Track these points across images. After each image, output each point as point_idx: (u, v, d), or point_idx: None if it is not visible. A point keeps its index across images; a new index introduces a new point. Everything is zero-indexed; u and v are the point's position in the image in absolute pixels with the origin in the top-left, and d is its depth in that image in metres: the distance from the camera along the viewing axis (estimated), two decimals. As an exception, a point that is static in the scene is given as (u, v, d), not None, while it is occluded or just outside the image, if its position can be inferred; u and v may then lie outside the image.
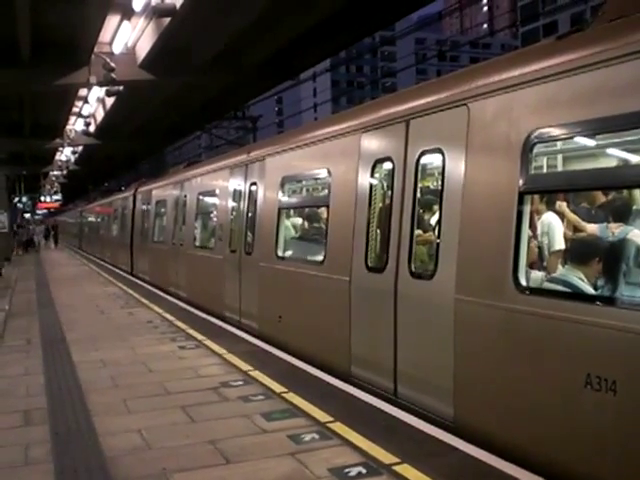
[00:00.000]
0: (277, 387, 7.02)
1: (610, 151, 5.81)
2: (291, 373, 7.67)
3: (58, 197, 64.32)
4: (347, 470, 4.76)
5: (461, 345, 5.72)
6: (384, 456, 5.00)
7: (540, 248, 6.30)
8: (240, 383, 7.28)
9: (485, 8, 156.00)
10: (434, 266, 6.17)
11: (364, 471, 4.75)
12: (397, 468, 4.77)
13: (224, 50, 16.22)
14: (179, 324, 11.36)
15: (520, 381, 5.11)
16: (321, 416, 6.00)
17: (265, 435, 5.62)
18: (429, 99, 6.55)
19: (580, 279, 5.30)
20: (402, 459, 4.92)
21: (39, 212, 77.87)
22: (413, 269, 6.49)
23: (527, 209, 5.30)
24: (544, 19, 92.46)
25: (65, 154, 34.13)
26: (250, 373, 7.68)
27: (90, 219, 40.68)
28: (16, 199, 49.10)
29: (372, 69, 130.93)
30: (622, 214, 5.82)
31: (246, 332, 10.34)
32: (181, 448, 5.39)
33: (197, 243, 14.86)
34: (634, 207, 5.86)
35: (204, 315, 12.30)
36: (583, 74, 4.77)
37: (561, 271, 5.69)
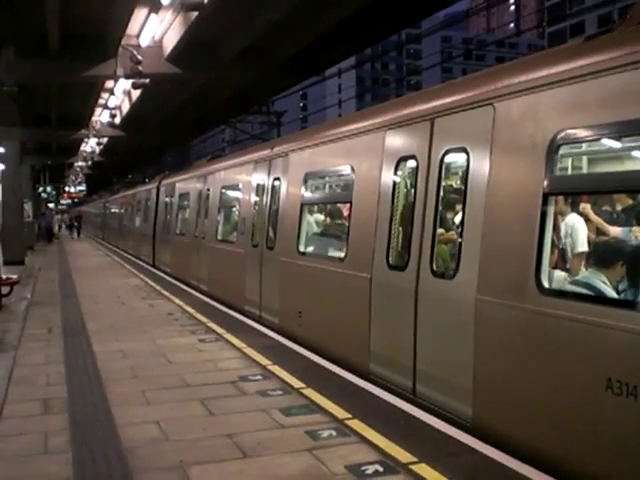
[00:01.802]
0: (296, 382, 7.03)
1: (637, 154, 5.74)
2: (310, 369, 7.67)
3: (82, 188, 64.85)
4: (364, 468, 4.75)
5: (481, 346, 5.68)
6: (401, 455, 4.98)
7: (563, 250, 6.24)
8: (259, 377, 7.30)
9: (512, 7, 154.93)
10: (456, 265, 6.14)
11: (381, 469, 4.74)
12: (414, 467, 4.75)
13: (251, 45, 16.16)
14: (199, 317, 11.39)
15: (540, 383, 5.07)
16: (339, 413, 5.99)
17: (283, 430, 5.63)
18: (455, 98, 6.52)
19: (603, 282, 5.25)
20: (420, 458, 4.90)
21: (63, 202, 78.56)
22: (435, 268, 6.46)
23: (551, 210, 5.25)
24: (571, 20, 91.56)
25: (90, 145, 34.32)
26: (269, 368, 7.69)
27: (113, 210, 40.93)
28: (40, 189, 49.51)
29: (397, 67, 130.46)
30: None
31: (266, 327, 10.35)
32: (199, 441, 5.41)
33: (219, 236, 14.88)
34: None
35: (224, 309, 12.33)
36: (611, 76, 4.72)
37: (584, 274, 5.64)
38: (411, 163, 7.12)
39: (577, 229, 6.19)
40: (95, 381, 7.34)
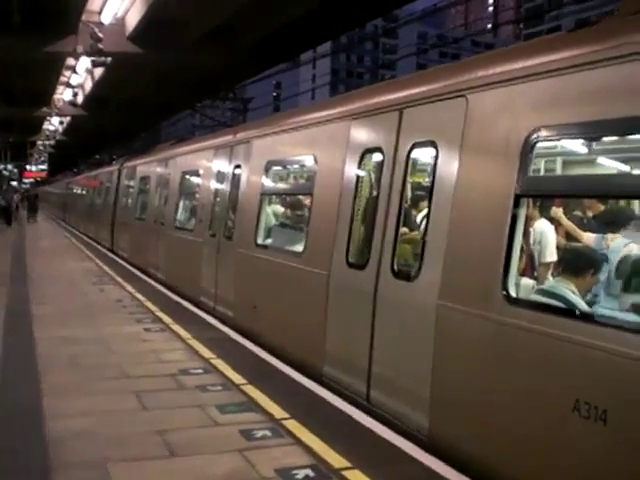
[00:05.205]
0: (237, 378, 6.80)
1: (618, 156, 5.52)
2: (255, 365, 7.46)
3: (44, 167, 63.85)
4: (295, 472, 4.55)
5: (440, 354, 5.31)
6: (335, 460, 4.78)
7: (534, 256, 5.93)
8: (200, 371, 7.06)
9: (490, 9, 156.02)
10: (418, 267, 5.75)
11: (312, 474, 4.53)
12: (347, 473, 4.56)
13: (218, 28, 15.83)
14: (149, 305, 11.12)
15: (502, 399, 4.71)
16: (277, 412, 5.78)
17: (216, 428, 5.41)
18: (425, 88, 6.16)
19: (573, 293, 4.92)
20: (354, 464, 4.70)
21: (26, 181, 77.28)
22: (396, 268, 6.08)
23: (523, 213, 4.91)
24: (548, 24, 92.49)
25: (53, 124, 33.70)
26: (212, 361, 7.45)
27: (76, 191, 40.16)
28: (1, 166, 48.49)
29: (373, 60, 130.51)
30: (621, 224, 5.54)
31: (220, 319, 10.04)
32: (127, 437, 5.19)
33: (178, 224, 14.50)
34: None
35: (176, 298, 12.06)
36: (594, 70, 4.36)
37: (554, 283, 5.29)
38: (376, 156, 6.73)
39: (549, 234, 5.91)
40: (31, 369, 7.06)
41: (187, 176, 14.45)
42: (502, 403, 4.71)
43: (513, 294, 4.75)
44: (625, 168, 5.65)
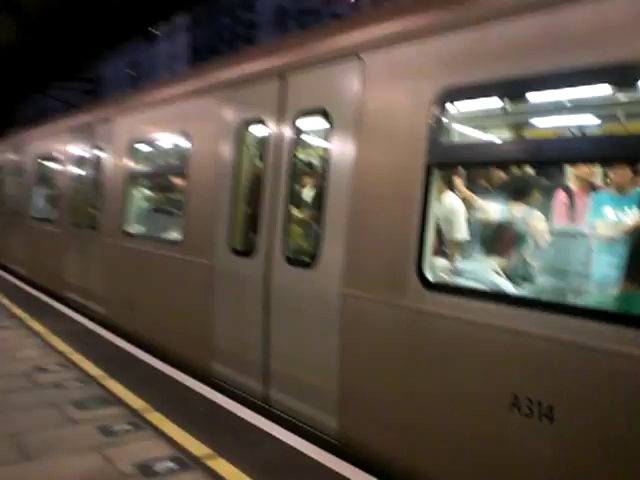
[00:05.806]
0: (97, 372, 6.58)
1: (542, 118, 5.24)
2: (115, 356, 7.25)
3: None
4: (155, 465, 4.43)
5: (348, 347, 4.85)
6: (198, 448, 4.72)
7: (454, 234, 5.39)
8: (57, 367, 6.75)
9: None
10: (315, 252, 5.22)
11: (173, 466, 4.43)
12: (209, 462, 4.50)
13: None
14: (4, 301, 10.54)
15: (425, 396, 4.26)
16: (138, 405, 5.63)
17: (73, 427, 5.17)
18: (312, 49, 5.70)
19: (497, 273, 4.59)
20: (217, 451, 4.66)
21: None
22: (288, 254, 5.59)
23: (435, 186, 4.36)
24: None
25: None
26: (70, 356, 7.16)
27: None
28: None
29: (233, 36, 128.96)
30: (528, 193, 5.28)
31: (91, 317, 9.40)
32: (-22, 444, 4.87)
33: (36, 214, 13.69)
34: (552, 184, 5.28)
35: (35, 292, 11.52)
36: (512, 22, 3.90)
37: (476, 264, 4.90)
38: (258, 128, 6.20)
39: (459, 209, 5.43)
40: None
41: (44, 161, 13.63)
42: (425, 400, 4.28)
43: (430, 278, 4.28)
44: (552, 130, 5.26)
